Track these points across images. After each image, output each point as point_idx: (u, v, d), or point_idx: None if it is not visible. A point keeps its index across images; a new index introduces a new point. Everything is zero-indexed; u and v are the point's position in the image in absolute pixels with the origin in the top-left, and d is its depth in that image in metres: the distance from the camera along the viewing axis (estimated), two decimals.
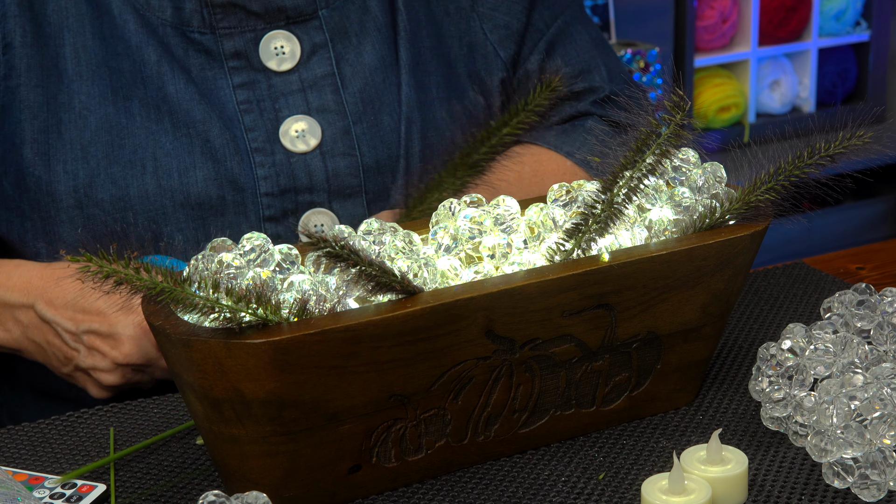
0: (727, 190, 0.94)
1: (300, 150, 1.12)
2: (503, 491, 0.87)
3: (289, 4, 1.12)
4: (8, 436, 0.96)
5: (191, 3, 1.11)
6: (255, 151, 1.10)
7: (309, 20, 1.13)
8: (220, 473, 0.87)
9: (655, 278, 0.88)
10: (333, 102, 1.13)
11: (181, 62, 1.10)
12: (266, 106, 1.12)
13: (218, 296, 0.78)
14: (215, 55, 1.11)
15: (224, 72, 1.11)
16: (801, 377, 0.90)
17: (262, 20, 1.12)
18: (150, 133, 1.08)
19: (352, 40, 1.15)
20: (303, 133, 1.12)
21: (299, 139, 1.12)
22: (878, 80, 3.14)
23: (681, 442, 0.92)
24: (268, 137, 1.11)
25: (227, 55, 1.11)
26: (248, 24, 1.12)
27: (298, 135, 1.12)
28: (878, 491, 0.83)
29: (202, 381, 0.79)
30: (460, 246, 0.91)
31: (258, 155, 1.10)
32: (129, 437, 0.95)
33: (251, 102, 1.11)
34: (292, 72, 1.13)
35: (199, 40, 1.11)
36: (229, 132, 1.10)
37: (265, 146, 1.11)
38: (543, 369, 0.88)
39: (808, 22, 3.01)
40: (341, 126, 1.13)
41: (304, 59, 1.13)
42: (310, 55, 1.13)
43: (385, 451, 0.85)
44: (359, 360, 0.80)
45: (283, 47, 1.12)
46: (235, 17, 1.11)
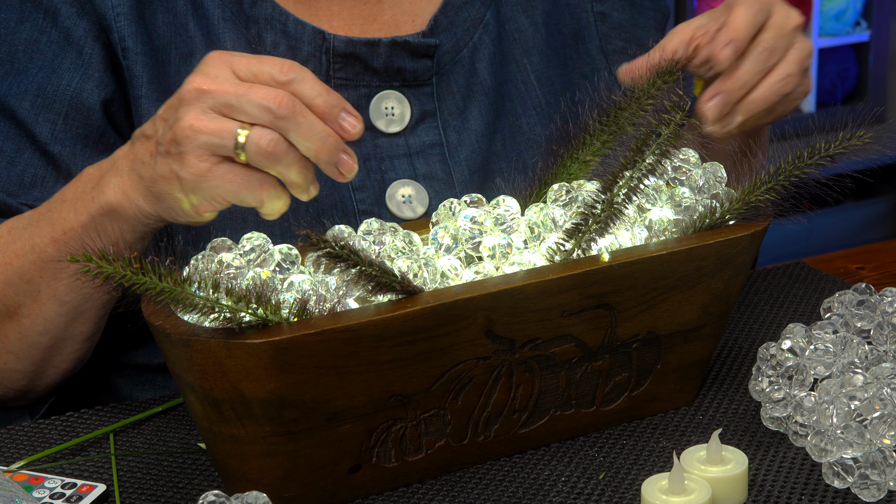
0: (727, 190, 0.94)
1: (406, 217, 1.08)
2: (503, 491, 0.87)
3: (408, 67, 1.08)
4: (8, 436, 0.96)
5: (309, 46, 1.06)
6: (363, 214, 1.06)
7: (422, 86, 1.10)
8: (220, 473, 0.87)
9: (655, 278, 0.88)
10: (441, 171, 1.09)
11: None
12: (372, 166, 1.08)
13: (218, 296, 0.78)
14: None
15: None
16: (801, 377, 0.90)
17: (378, 77, 1.08)
18: None
19: (458, 104, 1.11)
20: (409, 199, 1.08)
21: (406, 205, 1.08)
22: (878, 80, 3.14)
23: (681, 442, 0.92)
24: (375, 200, 1.07)
25: None
26: (364, 80, 1.08)
27: (405, 200, 1.08)
28: (878, 491, 0.83)
29: (202, 381, 0.79)
30: (460, 246, 0.91)
31: (365, 217, 1.03)
32: (130, 438, 0.95)
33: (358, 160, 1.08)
34: (399, 135, 1.09)
35: None
36: (338, 192, 1.06)
37: (372, 209, 1.07)
38: (543, 369, 0.88)
39: (808, 22, 3.01)
40: (448, 195, 1.06)
41: (413, 124, 1.09)
42: (418, 121, 1.10)
43: (385, 451, 0.85)
44: (359, 360, 0.80)
45: (394, 109, 1.08)
46: (353, 69, 1.07)
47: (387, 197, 1.08)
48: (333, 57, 1.06)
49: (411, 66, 1.08)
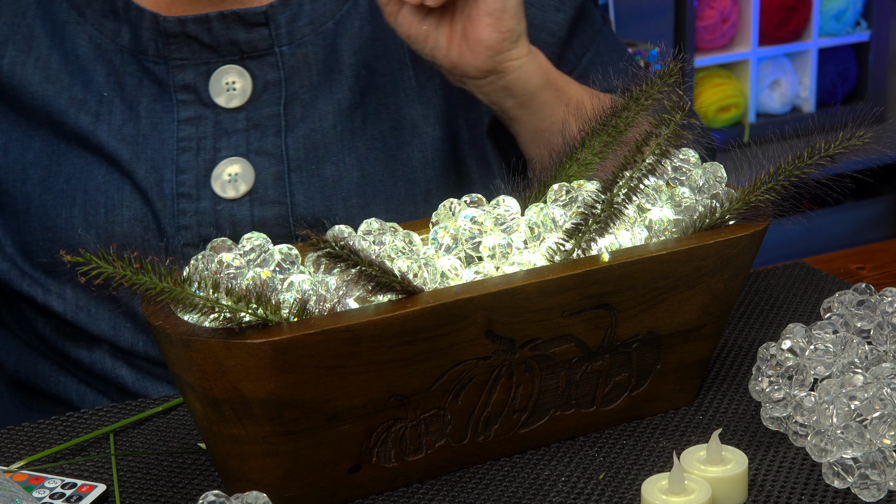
0: (727, 190, 0.94)
1: (229, 196, 1.06)
2: (503, 491, 0.87)
3: (242, 38, 1.07)
4: (8, 436, 0.96)
5: (148, 31, 1.07)
6: (181, 196, 1.05)
7: (264, 56, 1.08)
8: (220, 473, 0.87)
9: (655, 278, 0.88)
10: (272, 145, 1.07)
11: (131, 93, 1.07)
12: (206, 145, 1.06)
13: (218, 296, 0.78)
14: (166, 87, 1.07)
15: (172, 105, 1.07)
16: (801, 377, 0.90)
17: (215, 53, 1.07)
18: (84, 163, 1.05)
19: (312, 80, 1.09)
20: (235, 177, 1.06)
21: (230, 184, 1.06)
22: (878, 80, 3.14)
23: (681, 442, 0.92)
24: (197, 181, 1.06)
25: (177, 87, 1.07)
26: (202, 57, 1.07)
27: (231, 179, 1.06)
28: (878, 491, 0.83)
29: (202, 381, 0.79)
30: (460, 246, 0.91)
31: (183, 200, 1.05)
32: (130, 438, 0.95)
33: (192, 140, 1.06)
34: (240, 110, 1.08)
35: (153, 70, 1.07)
36: (158, 174, 1.05)
37: (191, 191, 1.06)
38: (543, 369, 0.88)
39: (808, 22, 3.01)
40: (275, 171, 1.07)
41: (255, 96, 1.08)
42: (261, 93, 1.08)
43: (385, 451, 0.86)
44: (359, 360, 0.80)
45: (235, 83, 1.07)
46: (189, 48, 1.07)
47: (213, 177, 1.06)
48: (168, 38, 1.06)
49: (245, 36, 1.07)
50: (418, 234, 0.92)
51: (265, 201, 1.07)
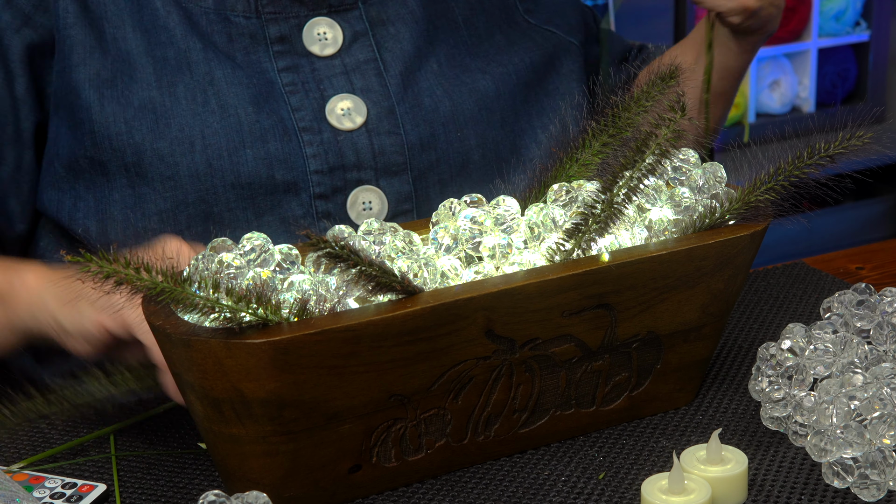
0: (727, 190, 0.94)
1: (346, 128, 1.14)
2: (503, 491, 0.87)
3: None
4: (8, 436, 0.96)
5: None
6: (303, 130, 1.12)
7: (349, 10, 1.17)
8: (220, 473, 0.87)
9: (655, 278, 0.88)
10: (377, 84, 1.16)
11: (225, 50, 1.13)
12: (311, 87, 1.14)
13: (218, 296, 0.78)
14: (259, 39, 1.14)
15: (269, 55, 1.14)
16: (801, 377, 0.90)
17: (305, 7, 1.15)
18: (196, 115, 1.10)
19: (389, 30, 1.19)
20: (348, 111, 1.14)
21: (345, 117, 1.14)
22: (878, 80, 3.14)
23: (681, 442, 0.92)
24: (314, 116, 1.13)
25: (272, 39, 1.14)
26: (292, 11, 1.15)
27: (344, 112, 1.14)
28: (877, 491, 0.83)
29: (202, 381, 0.79)
30: (460, 246, 0.91)
31: (306, 134, 1.12)
32: (130, 438, 0.95)
33: (296, 84, 1.14)
34: (335, 57, 1.16)
35: (244, 24, 1.14)
36: (276, 114, 1.12)
37: (312, 125, 1.13)
38: (543, 369, 0.88)
39: (808, 22, 3.01)
40: (385, 106, 1.15)
41: (346, 45, 1.16)
42: (351, 42, 1.17)
43: (385, 451, 0.86)
44: (359, 360, 0.80)
45: (326, 34, 1.16)
46: (280, 3, 1.14)
47: (326, 111, 1.14)
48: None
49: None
50: (418, 234, 0.92)
51: (380, 132, 1.15)
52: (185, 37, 1.12)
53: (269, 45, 1.14)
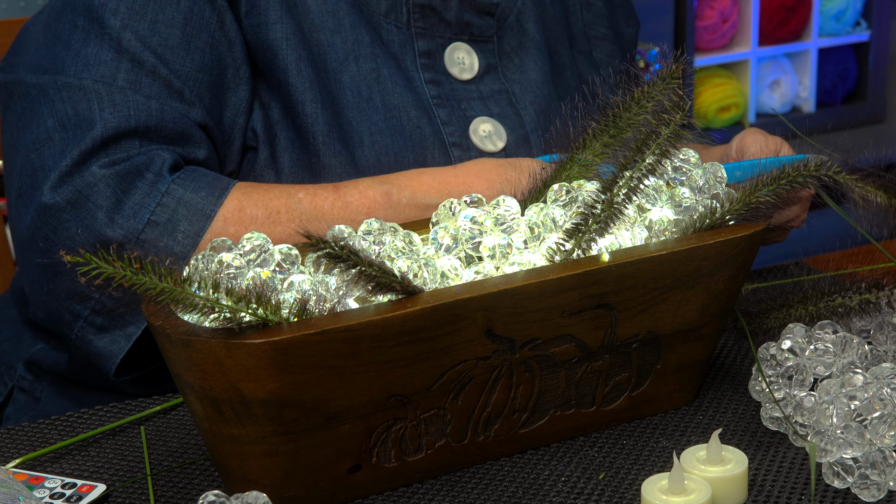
0: (727, 190, 0.94)
1: (489, 150, 1.16)
2: (503, 491, 0.87)
3: (475, 22, 1.18)
4: (8, 436, 0.96)
5: None
6: (453, 146, 1.15)
7: (487, 41, 1.20)
8: (220, 473, 0.87)
9: (655, 278, 0.88)
10: (512, 113, 1.19)
11: (389, 46, 1.15)
12: (454, 104, 1.17)
13: (218, 296, 0.78)
14: (407, 49, 1.16)
15: (416, 65, 1.16)
16: (801, 377, 0.90)
17: (450, 29, 1.18)
18: (360, 110, 1.12)
19: (514, 61, 1.22)
20: (490, 134, 1.17)
21: (487, 139, 1.16)
22: (878, 80, 3.14)
23: (681, 442, 0.92)
24: (461, 133, 1.16)
25: (420, 52, 1.17)
26: (438, 30, 1.17)
27: (486, 135, 1.16)
28: (878, 491, 0.83)
29: (202, 381, 0.79)
30: (460, 246, 0.91)
31: (456, 150, 1.15)
32: (130, 438, 0.95)
33: (441, 98, 1.16)
34: (471, 83, 1.19)
35: (395, 32, 1.16)
36: (433, 125, 1.14)
37: (461, 141, 1.15)
38: (543, 369, 0.88)
39: (808, 22, 3.01)
40: (521, 134, 1.19)
41: (480, 74, 1.19)
42: (485, 73, 1.20)
43: (385, 451, 0.86)
44: (359, 360, 0.80)
45: (464, 59, 1.19)
46: (429, 20, 1.17)
47: (471, 131, 1.16)
48: (413, 7, 1.16)
49: (477, 21, 1.19)
50: (418, 234, 0.92)
51: (518, 156, 1.16)
52: (354, 28, 1.13)
53: (416, 56, 1.16)
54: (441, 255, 0.91)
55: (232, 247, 0.88)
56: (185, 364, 0.80)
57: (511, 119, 1.19)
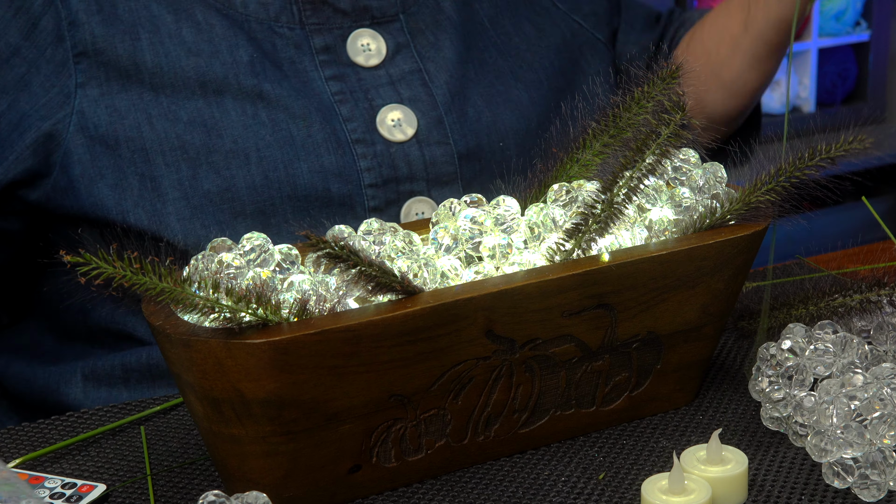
0: (727, 190, 0.94)
1: (398, 140, 1.15)
2: (503, 491, 0.87)
3: (374, 4, 1.17)
4: (8, 436, 0.96)
5: (279, 0, 1.14)
6: (356, 143, 1.13)
7: (391, 21, 1.18)
8: (220, 473, 0.87)
9: (655, 278, 0.88)
10: (424, 94, 1.17)
11: (271, 57, 1.13)
12: (359, 96, 1.15)
13: (218, 296, 0.78)
14: (304, 49, 1.14)
15: (315, 64, 1.15)
16: (801, 377, 0.90)
17: (348, 18, 1.16)
18: (247, 127, 1.10)
19: (429, 38, 1.20)
20: (399, 122, 1.15)
21: (396, 128, 1.15)
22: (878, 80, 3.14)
23: (681, 442, 0.92)
24: (366, 128, 1.14)
25: (318, 49, 1.15)
26: (336, 22, 1.16)
27: (395, 124, 1.15)
28: (878, 491, 0.83)
29: (202, 381, 0.79)
30: (460, 246, 0.91)
31: (359, 146, 1.13)
32: (130, 438, 0.95)
33: (345, 93, 1.15)
34: (379, 67, 1.17)
35: (288, 35, 1.14)
36: (329, 125, 1.12)
37: (365, 136, 1.14)
38: (543, 369, 0.88)
39: (808, 22, 3.01)
40: (434, 116, 1.16)
41: (390, 56, 1.17)
42: (394, 53, 1.18)
43: (385, 451, 0.86)
44: (359, 360, 0.80)
45: (370, 45, 1.17)
46: (323, 13, 1.15)
47: (377, 122, 1.14)
48: (303, 5, 1.15)
49: (376, 3, 1.18)
50: (418, 234, 0.92)
51: (431, 142, 1.16)
52: (231, 50, 1.11)
53: (314, 54, 1.14)
54: (441, 255, 0.91)
55: (232, 247, 0.88)
56: (185, 364, 0.80)
57: (422, 102, 1.17)
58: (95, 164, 1.09)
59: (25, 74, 1.09)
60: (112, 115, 1.09)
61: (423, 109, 1.16)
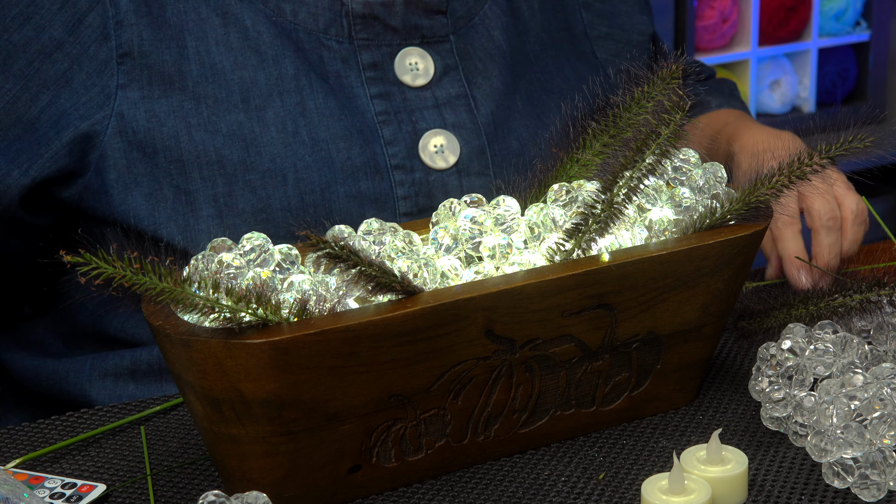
0: (727, 190, 0.94)
1: (439, 167, 1.12)
2: (503, 491, 0.87)
3: (425, 23, 1.13)
4: (8, 436, 0.96)
5: (329, 12, 1.11)
6: (395, 169, 1.10)
7: (442, 42, 1.15)
8: (220, 473, 0.87)
9: (655, 278, 0.88)
10: (469, 121, 1.14)
11: (318, 70, 1.10)
12: (403, 118, 1.12)
13: (218, 296, 0.78)
14: (352, 65, 1.11)
15: (361, 80, 1.11)
16: (801, 377, 0.90)
17: (398, 35, 1.13)
18: (286, 145, 1.07)
19: (477, 65, 1.17)
20: (441, 149, 1.12)
21: (438, 155, 1.12)
22: (878, 80, 3.13)
23: (681, 442, 0.92)
24: (407, 153, 1.11)
25: (365, 65, 1.12)
26: (385, 38, 1.12)
27: (437, 150, 1.12)
28: (878, 491, 0.83)
29: (202, 381, 0.79)
30: (460, 246, 0.91)
31: (398, 173, 1.10)
32: (130, 438, 0.95)
33: (389, 114, 1.12)
34: (426, 88, 1.14)
35: (336, 48, 1.11)
36: (370, 149, 1.09)
37: (405, 163, 1.11)
38: (543, 369, 0.88)
39: (808, 22, 3.01)
40: (477, 145, 1.13)
41: (437, 77, 1.14)
42: (442, 75, 1.14)
43: (385, 451, 0.86)
44: (359, 360, 0.80)
45: (418, 64, 1.13)
46: (373, 29, 1.12)
47: (419, 148, 1.12)
48: (353, 19, 1.11)
49: (427, 22, 1.14)
50: (418, 234, 0.92)
51: (470, 172, 1.13)
52: (277, 61, 1.09)
53: (361, 70, 1.12)
54: (441, 255, 0.91)
55: (232, 247, 0.88)
56: (185, 364, 0.80)
57: (466, 129, 1.14)
58: (131, 170, 1.06)
59: (67, 70, 1.05)
60: (151, 120, 1.05)
61: (467, 137, 1.13)
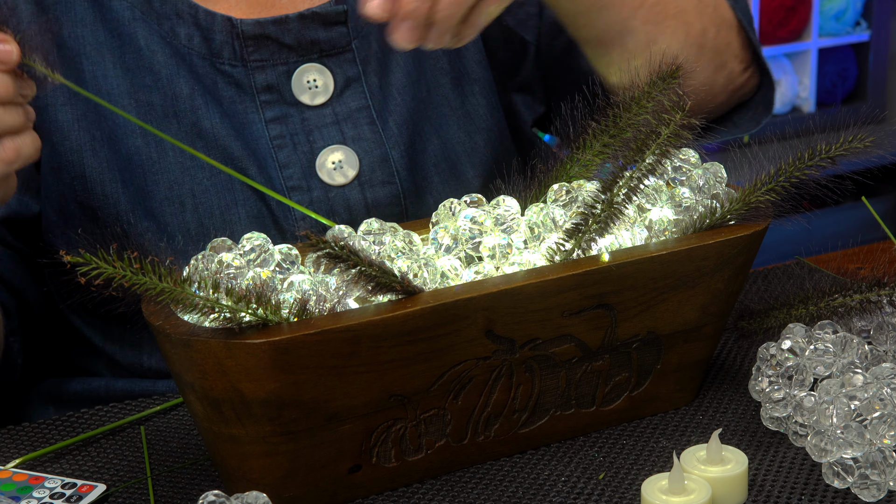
0: (727, 190, 0.95)
1: (338, 183, 1.09)
2: (503, 491, 0.87)
3: (323, 37, 1.09)
4: (8, 436, 0.96)
5: (221, 34, 1.07)
6: (292, 190, 1.07)
7: (342, 53, 1.10)
8: (220, 473, 0.87)
9: (655, 278, 0.88)
10: (370, 132, 1.10)
11: (213, 94, 1.08)
12: (300, 139, 1.09)
13: (218, 296, 0.78)
14: (246, 88, 1.08)
15: (255, 105, 1.08)
16: (801, 377, 0.90)
17: (294, 53, 1.08)
18: (184, 169, 1.06)
19: (380, 61, 1.13)
20: (340, 164, 1.09)
21: (337, 171, 1.09)
22: (878, 80, 3.14)
23: (681, 442, 0.92)
24: (303, 174, 1.08)
25: (259, 89, 1.08)
26: (280, 58, 1.08)
27: (335, 166, 1.09)
28: (878, 491, 0.83)
29: (202, 381, 0.79)
30: (460, 246, 0.91)
31: (295, 194, 1.07)
32: (130, 437, 0.95)
33: (284, 137, 1.08)
34: (325, 105, 1.10)
35: (230, 73, 1.08)
36: (265, 172, 1.07)
37: (301, 183, 1.08)
38: (543, 369, 0.88)
39: (808, 22, 3.01)
40: (378, 154, 1.10)
41: (338, 92, 1.10)
42: (343, 89, 1.11)
43: (385, 451, 0.86)
44: (359, 360, 0.80)
45: (317, 81, 1.09)
46: (267, 49, 1.08)
47: (317, 166, 1.08)
48: (245, 41, 1.07)
49: (325, 35, 1.09)
50: (418, 234, 0.92)
51: (374, 183, 1.10)
52: (171, 81, 1.06)
53: (255, 94, 1.08)
54: (441, 255, 0.91)
55: (232, 247, 0.88)
56: (185, 364, 0.80)
57: (367, 140, 1.10)
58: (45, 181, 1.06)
59: None
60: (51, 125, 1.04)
61: (368, 148, 1.10)
